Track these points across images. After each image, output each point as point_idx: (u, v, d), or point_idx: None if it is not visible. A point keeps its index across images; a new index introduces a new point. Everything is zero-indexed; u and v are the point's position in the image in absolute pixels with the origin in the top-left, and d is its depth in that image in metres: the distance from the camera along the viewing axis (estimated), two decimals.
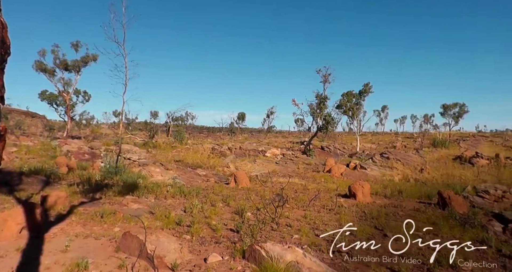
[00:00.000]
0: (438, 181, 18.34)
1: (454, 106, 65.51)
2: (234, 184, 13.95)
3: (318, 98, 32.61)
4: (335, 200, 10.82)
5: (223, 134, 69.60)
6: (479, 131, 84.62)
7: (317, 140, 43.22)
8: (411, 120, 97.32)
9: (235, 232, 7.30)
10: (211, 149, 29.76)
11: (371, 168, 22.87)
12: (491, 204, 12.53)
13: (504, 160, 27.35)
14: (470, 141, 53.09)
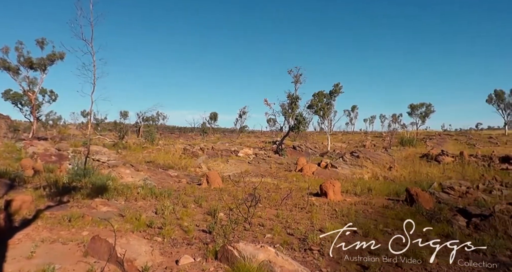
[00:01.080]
0: (406, 179, 18.89)
1: (421, 106, 67.89)
2: (206, 184, 13.87)
3: (289, 98, 32.93)
4: (307, 199, 10.95)
5: (195, 134, 68.99)
6: (445, 130, 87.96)
7: (289, 139, 43.59)
8: (380, 119, 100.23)
9: (208, 233, 7.26)
10: (183, 150, 29.44)
11: (341, 166, 23.29)
12: (456, 199, 13.02)
13: (468, 158, 28.48)
14: (436, 139, 55.03)
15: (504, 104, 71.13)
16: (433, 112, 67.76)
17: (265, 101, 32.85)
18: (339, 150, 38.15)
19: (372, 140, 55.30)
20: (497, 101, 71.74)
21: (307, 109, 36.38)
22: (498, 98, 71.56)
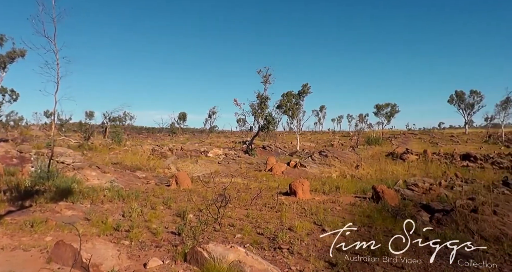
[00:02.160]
0: (372, 177, 19.36)
1: (386, 106, 69.94)
2: (175, 185, 13.70)
3: (259, 98, 33.08)
4: (277, 198, 11.03)
5: (164, 134, 67.87)
6: (409, 129, 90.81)
7: (259, 139, 43.75)
8: (347, 119, 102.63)
9: (177, 235, 7.18)
10: (151, 150, 28.92)
11: (310, 166, 23.60)
12: (419, 196, 13.47)
13: (431, 156, 29.60)
14: (401, 138, 56.85)
15: (465, 104, 74.47)
16: (398, 112, 69.96)
17: (234, 101, 32.88)
18: (308, 149, 38.65)
19: (340, 139, 56.41)
20: (458, 101, 75.00)
21: (277, 109, 36.66)
22: (458, 98, 74.83)
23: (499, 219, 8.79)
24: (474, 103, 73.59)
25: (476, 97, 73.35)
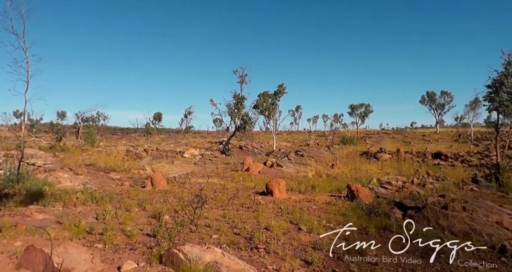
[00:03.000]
0: (347, 175, 19.68)
1: (361, 107, 71.34)
2: (150, 187, 13.52)
3: (235, 98, 32.99)
4: (253, 198, 11.05)
5: (139, 135, 66.83)
6: (383, 128, 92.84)
7: (236, 139, 43.69)
8: (323, 119, 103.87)
9: (152, 237, 7.07)
10: (126, 151, 28.42)
11: (287, 165, 23.77)
12: (393, 194, 13.79)
13: (404, 154, 30.36)
14: (375, 138, 58.11)
15: (436, 104, 76.94)
16: (372, 112, 71.50)
17: (211, 101, 32.69)
18: (284, 149, 38.91)
19: (316, 139, 57.11)
20: (429, 101, 77.39)
21: (253, 109, 36.69)
22: (430, 99, 77.20)
23: (468, 215, 9.08)
24: (445, 103, 76.22)
25: (447, 98, 76.02)
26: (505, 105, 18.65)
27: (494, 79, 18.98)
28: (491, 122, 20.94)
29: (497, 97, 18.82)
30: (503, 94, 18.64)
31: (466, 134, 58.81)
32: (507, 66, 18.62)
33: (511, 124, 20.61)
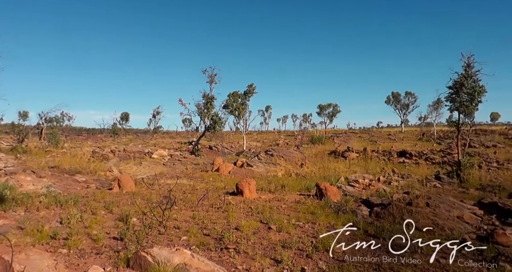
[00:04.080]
0: (316, 174, 19.94)
1: (329, 107, 72.80)
2: (118, 189, 13.20)
3: (205, 98, 32.69)
4: (223, 198, 11.01)
5: (105, 136, 65.09)
6: (350, 128, 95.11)
7: (205, 139, 43.41)
8: (292, 119, 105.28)
9: (119, 240, 6.91)
10: (92, 153, 27.62)
11: (257, 165, 23.84)
12: (360, 191, 14.11)
13: (370, 153, 31.15)
14: (343, 137, 59.35)
15: (400, 105, 79.53)
16: (339, 112, 73.21)
17: (180, 101, 32.19)
18: (255, 149, 39.04)
19: (285, 138, 57.66)
20: (394, 102, 79.94)
21: (223, 109, 36.52)
22: (395, 99, 79.76)
23: (431, 210, 9.42)
24: (409, 103, 78.99)
25: (411, 98, 78.79)
26: (465, 106, 19.50)
27: (455, 81, 19.79)
28: (452, 122, 21.82)
29: (458, 97, 19.65)
30: (463, 95, 19.48)
31: (430, 133, 61.12)
32: (466, 68, 19.46)
33: (471, 123, 21.53)
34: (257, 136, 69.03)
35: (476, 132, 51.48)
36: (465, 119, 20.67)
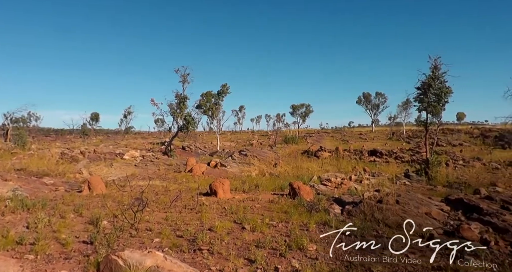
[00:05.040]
0: (289, 174, 20.12)
1: (301, 107, 73.61)
2: (88, 191, 12.87)
3: (177, 98, 32.31)
4: (197, 199, 10.93)
5: (75, 136, 63.26)
6: (323, 128, 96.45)
7: (178, 140, 42.98)
8: (266, 119, 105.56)
9: (89, 244, 6.73)
10: (61, 154, 26.81)
11: (230, 165, 23.81)
12: (332, 190, 14.33)
13: (342, 152, 31.68)
14: (315, 137, 60.16)
15: (371, 105, 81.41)
16: (312, 112, 74.22)
17: (152, 101, 31.67)
18: (228, 149, 38.95)
19: (259, 138, 57.86)
20: (365, 102, 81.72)
21: (196, 109, 36.21)
22: (366, 99, 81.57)
23: (401, 207, 9.69)
24: (379, 104, 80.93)
25: (381, 99, 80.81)
26: (433, 106, 20.22)
27: (423, 82, 20.49)
28: (421, 121, 22.59)
29: (426, 98, 20.35)
30: (431, 95, 20.20)
31: (399, 133, 62.91)
32: (434, 69, 20.19)
33: (438, 123, 22.32)
34: (231, 136, 68.96)
35: (443, 131, 53.26)
36: (432, 118, 21.41)
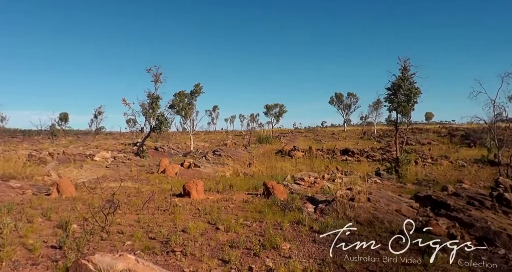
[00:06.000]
0: (263, 173, 20.22)
1: (275, 107, 74.17)
2: (57, 194, 12.49)
3: (150, 97, 31.83)
4: (170, 200, 10.80)
5: (43, 137, 61.18)
6: (296, 128, 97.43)
7: (151, 140, 42.38)
8: (240, 119, 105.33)
9: (58, 249, 6.53)
10: (28, 156, 25.90)
11: (204, 165, 23.69)
12: (305, 189, 14.49)
13: (315, 152, 32.11)
14: (289, 136, 60.72)
15: (343, 105, 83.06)
16: (286, 112, 74.87)
17: (123, 101, 31.03)
18: (202, 149, 38.74)
19: (233, 138, 57.80)
20: (337, 102, 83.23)
21: (169, 109, 35.82)
22: (338, 99, 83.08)
23: (372, 205, 9.93)
24: (351, 104, 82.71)
25: (353, 99, 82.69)
26: (402, 106, 20.85)
27: (393, 83, 21.08)
28: (391, 121, 23.22)
29: (396, 98, 20.96)
30: (400, 96, 20.82)
31: (370, 132, 64.30)
32: (403, 71, 20.82)
33: (408, 122, 23.02)
34: (205, 136, 68.56)
35: (413, 130, 54.82)
36: (402, 118, 22.06)
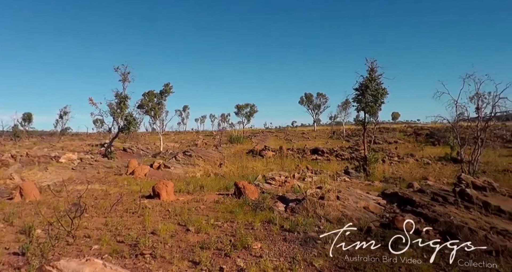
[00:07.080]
0: (235, 173, 20.20)
1: (246, 107, 74.24)
2: (19, 198, 12.00)
3: (118, 97, 31.05)
4: (139, 202, 10.60)
5: (5, 139, 58.65)
6: (267, 127, 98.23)
7: (119, 141, 41.45)
8: (210, 119, 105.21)
9: (20, 255, 6.26)
10: None
11: (174, 166, 23.40)
12: (276, 188, 14.57)
13: (286, 151, 32.39)
14: (260, 136, 60.93)
15: (313, 105, 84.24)
16: (257, 112, 75.08)
17: (90, 100, 30.12)
18: (172, 150, 38.27)
19: (204, 139, 57.40)
20: (307, 102, 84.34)
21: (138, 109, 35.08)
22: (307, 99, 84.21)
23: (341, 203, 10.10)
24: (321, 104, 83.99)
25: (322, 99, 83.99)
26: (370, 106, 21.36)
27: (361, 83, 21.55)
28: (359, 121, 23.74)
29: (364, 98, 21.44)
30: (368, 96, 21.32)
31: (339, 131, 65.54)
32: (370, 72, 21.32)
33: (375, 122, 23.63)
34: (175, 136, 67.73)
35: (380, 130, 56.29)
36: (370, 118, 22.60)
